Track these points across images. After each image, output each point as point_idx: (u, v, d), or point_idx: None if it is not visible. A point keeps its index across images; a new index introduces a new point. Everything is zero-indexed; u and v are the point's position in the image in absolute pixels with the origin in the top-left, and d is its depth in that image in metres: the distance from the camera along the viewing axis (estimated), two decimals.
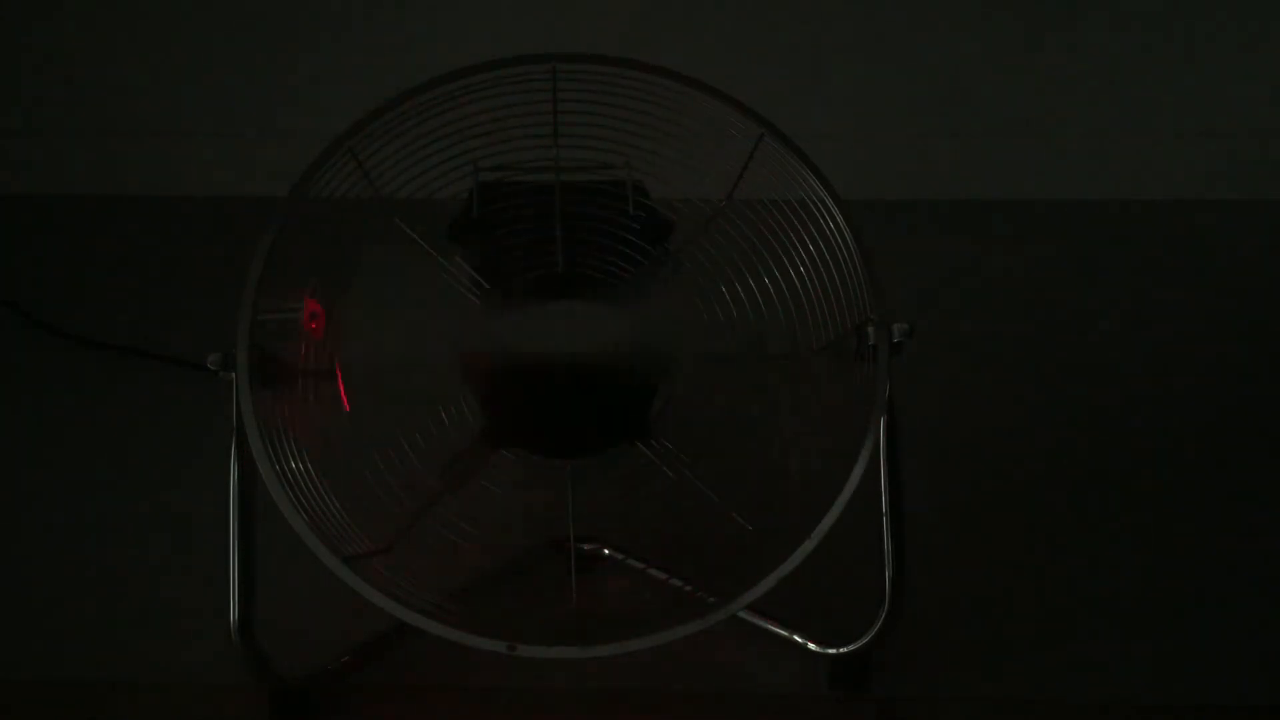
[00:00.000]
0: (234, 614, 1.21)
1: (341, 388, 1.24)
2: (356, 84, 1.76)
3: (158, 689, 1.33)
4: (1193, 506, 1.53)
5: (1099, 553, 1.48)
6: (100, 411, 1.69)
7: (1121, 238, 1.99)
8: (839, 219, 1.24)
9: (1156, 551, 1.48)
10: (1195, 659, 1.36)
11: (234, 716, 1.31)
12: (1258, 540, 1.49)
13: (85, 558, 1.48)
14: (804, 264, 1.25)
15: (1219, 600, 1.42)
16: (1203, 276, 1.91)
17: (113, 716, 1.31)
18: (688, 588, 1.32)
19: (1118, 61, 2.01)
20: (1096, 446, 1.62)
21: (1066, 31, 1.99)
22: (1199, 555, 1.47)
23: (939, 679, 1.33)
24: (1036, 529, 1.50)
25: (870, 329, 1.22)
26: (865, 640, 1.28)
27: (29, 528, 1.53)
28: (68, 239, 2.00)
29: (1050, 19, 1.99)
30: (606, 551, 1.40)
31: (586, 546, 1.39)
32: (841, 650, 1.30)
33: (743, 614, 1.27)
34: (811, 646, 1.32)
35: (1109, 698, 1.32)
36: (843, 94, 2.02)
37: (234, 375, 1.19)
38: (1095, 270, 1.93)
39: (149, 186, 2.05)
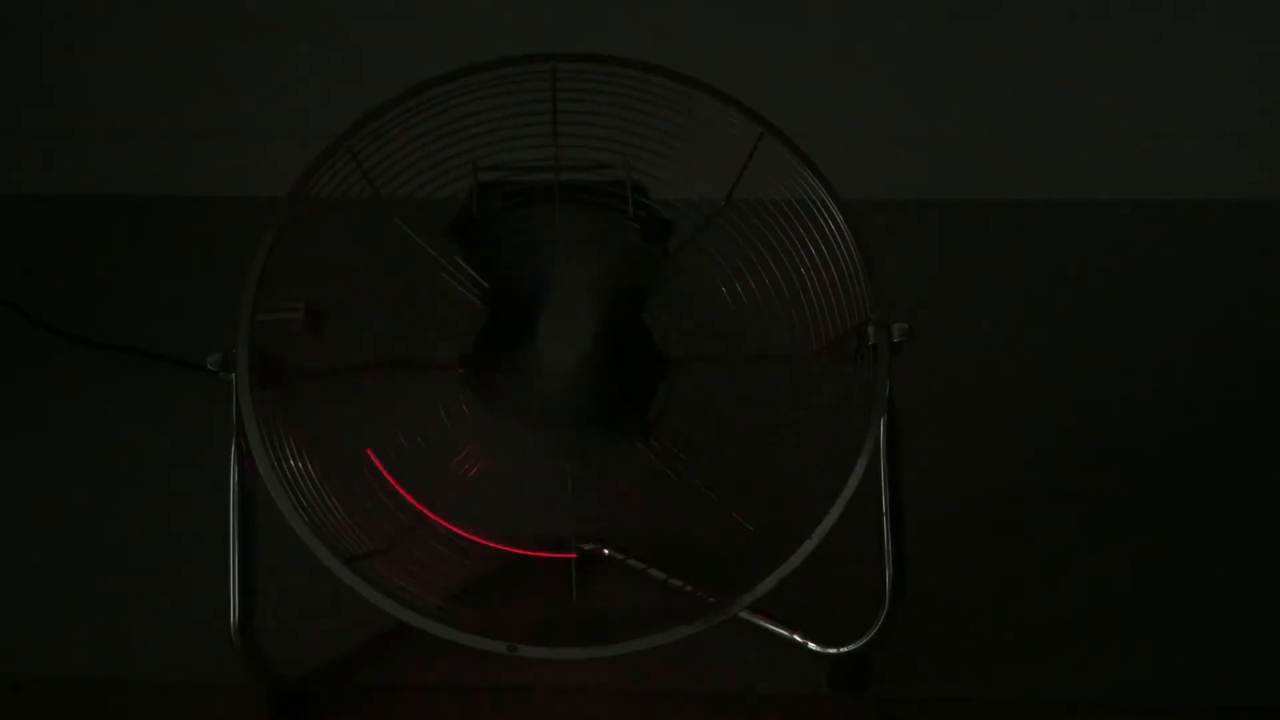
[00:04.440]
0: (234, 614, 1.21)
1: None
2: (356, 84, 1.76)
3: (158, 689, 1.33)
4: (1192, 507, 1.53)
5: (1098, 553, 1.48)
6: (100, 411, 1.69)
7: (1122, 238, 1.99)
8: (839, 219, 1.23)
9: (1156, 551, 1.48)
10: (1195, 659, 1.36)
11: (234, 716, 1.31)
12: (1258, 540, 1.49)
13: (85, 558, 1.48)
14: (804, 264, 1.25)
15: (1219, 600, 1.42)
16: (1203, 276, 1.91)
17: (113, 716, 1.31)
18: (688, 588, 1.32)
19: (1118, 61, 2.01)
20: (1096, 446, 1.62)
21: (1067, 32, 1.99)
22: (1199, 555, 1.47)
23: (939, 679, 1.33)
24: (1036, 529, 1.50)
25: (870, 329, 1.22)
26: (865, 640, 1.28)
27: (29, 528, 1.53)
28: (68, 239, 2.00)
29: (1051, 19, 1.99)
30: (606, 552, 1.40)
31: (587, 546, 1.39)
32: (841, 650, 1.30)
33: (743, 614, 1.27)
34: (811, 646, 1.32)
35: (1109, 698, 1.32)
36: (843, 94, 2.02)
37: (234, 376, 1.19)
38: (1095, 270, 1.93)
39: (149, 186, 2.05)
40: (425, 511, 1.24)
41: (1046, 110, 2.03)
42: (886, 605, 1.25)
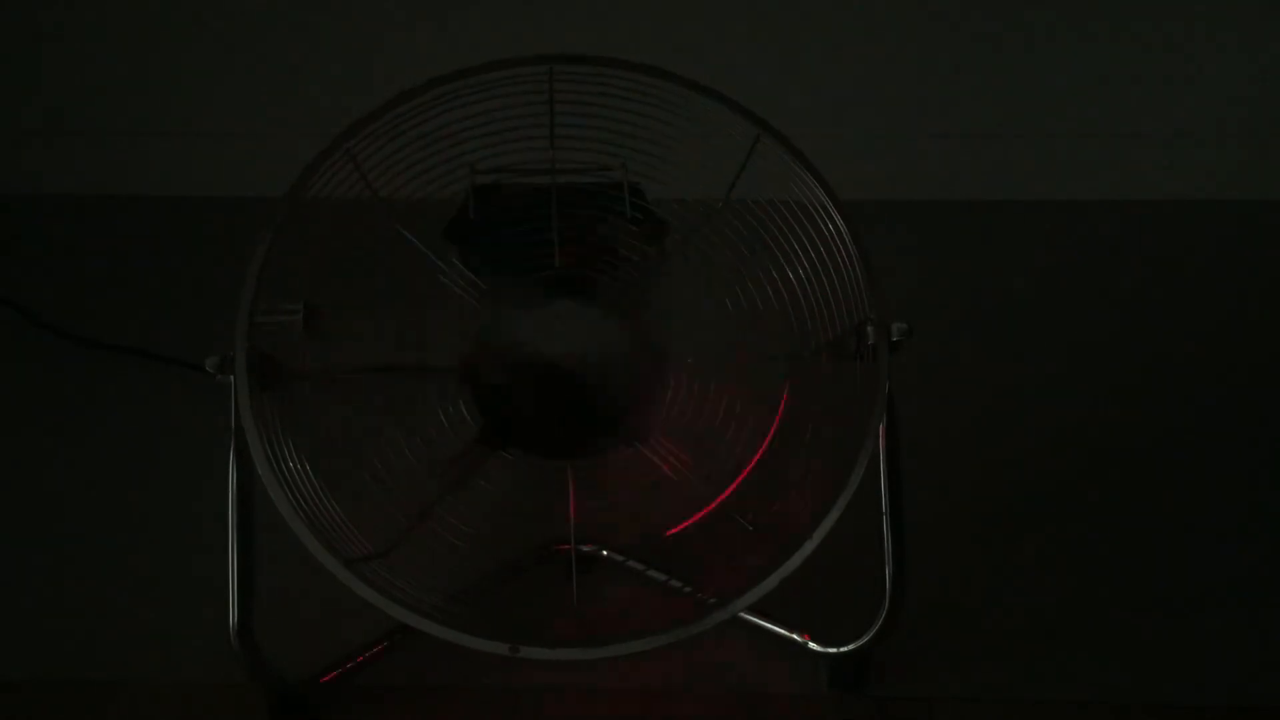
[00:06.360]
0: (233, 618, 1.21)
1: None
2: (355, 85, 1.76)
3: (158, 689, 1.33)
4: (1190, 507, 1.53)
5: (1097, 553, 1.48)
6: (100, 411, 1.69)
7: (1121, 238, 1.99)
8: (837, 219, 1.23)
9: (1156, 551, 1.47)
10: (1195, 659, 1.36)
11: (234, 717, 1.31)
12: (1257, 540, 1.49)
13: (85, 558, 1.48)
14: (803, 264, 1.24)
15: (1219, 600, 1.42)
16: (1203, 276, 1.91)
17: (113, 716, 1.31)
18: (687, 588, 1.32)
19: (1117, 61, 2.01)
20: (1095, 446, 1.62)
21: (1066, 31, 1.99)
22: (1199, 555, 1.47)
23: (939, 679, 1.33)
24: (1035, 529, 1.50)
25: (869, 328, 1.22)
26: (865, 640, 1.28)
27: (29, 527, 1.53)
28: (68, 239, 2.00)
29: (1050, 19, 1.98)
30: (606, 552, 1.40)
31: (586, 547, 1.39)
32: (841, 650, 1.30)
33: (743, 614, 1.27)
34: (812, 646, 1.32)
35: (1107, 698, 1.32)
36: (842, 94, 2.02)
37: (232, 378, 1.19)
38: (1095, 270, 1.92)
39: (149, 186, 2.06)
40: (424, 513, 1.24)
41: (1046, 110, 2.03)
42: (886, 605, 1.25)
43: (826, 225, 1.23)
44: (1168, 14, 1.98)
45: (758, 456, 1.27)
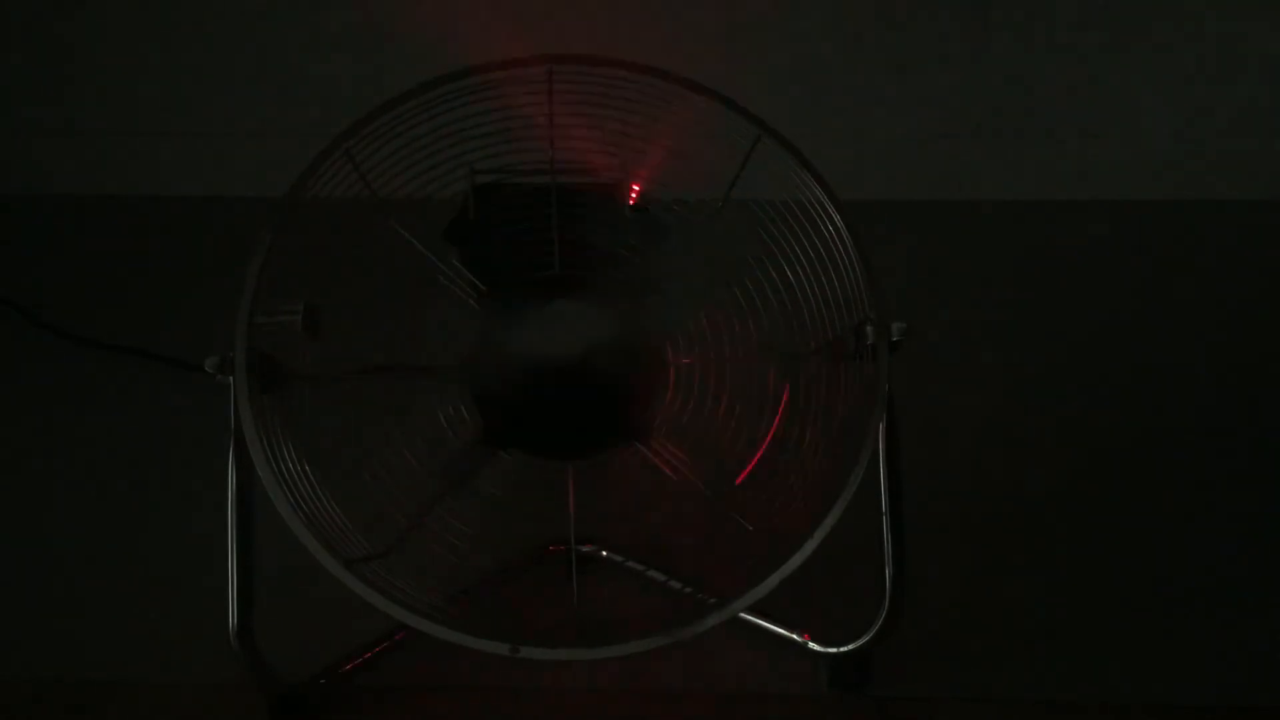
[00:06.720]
0: (233, 618, 1.21)
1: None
2: (355, 84, 1.76)
3: (158, 689, 1.34)
4: (1190, 507, 1.53)
5: (1098, 552, 1.48)
6: (100, 411, 1.69)
7: (1121, 238, 1.99)
8: (836, 219, 1.23)
9: (1156, 551, 1.47)
10: (1195, 659, 1.36)
11: (234, 717, 1.31)
12: (1256, 540, 1.49)
13: (85, 558, 1.48)
14: (802, 264, 1.24)
15: (1219, 600, 1.42)
16: (1203, 276, 1.91)
17: (113, 716, 1.31)
18: (688, 589, 1.32)
19: (1116, 61, 2.01)
20: (1095, 446, 1.61)
21: (1065, 32, 1.99)
22: (1198, 555, 1.47)
23: (939, 679, 1.34)
24: (1036, 529, 1.50)
25: (869, 328, 1.22)
26: (865, 640, 1.28)
27: (29, 528, 1.53)
28: (68, 239, 2.00)
29: (1050, 19, 1.98)
30: (605, 553, 1.40)
31: (586, 548, 1.39)
32: (841, 650, 1.30)
33: (743, 614, 1.27)
34: (812, 646, 1.32)
35: (1107, 698, 1.32)
36: (842, 94, 2.02)
37: (232, 379, 1.18)
38: (1095, 270, 1.92)
39: (149, 186, 2.05)
40: (424, 514, 1.24)
41: (1046, 110, 2.03)
42: (886, 604, 1.25)
43: (826, 225, 1.23)
44: (1167, 14, 1.97)
45: (757, 456, 1.27)
